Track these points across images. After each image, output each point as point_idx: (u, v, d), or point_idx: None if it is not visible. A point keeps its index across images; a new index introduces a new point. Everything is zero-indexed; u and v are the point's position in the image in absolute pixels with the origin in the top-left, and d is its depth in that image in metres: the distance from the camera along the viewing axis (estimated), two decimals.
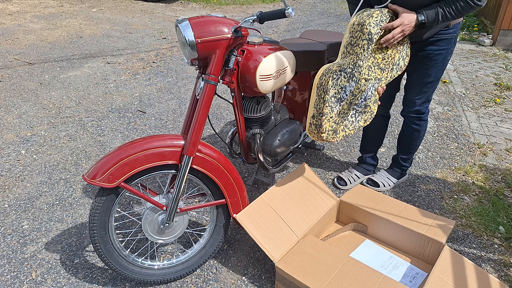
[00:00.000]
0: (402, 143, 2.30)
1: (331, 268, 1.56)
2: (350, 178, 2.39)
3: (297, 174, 1.96)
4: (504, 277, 1.81)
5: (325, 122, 1.58)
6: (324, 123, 1.58)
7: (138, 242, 1.95)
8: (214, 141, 2.90)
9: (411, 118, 2.16)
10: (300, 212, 1.81)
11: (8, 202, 2.21)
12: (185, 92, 3.72)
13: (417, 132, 2.19)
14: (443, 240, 1.69)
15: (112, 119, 3.16)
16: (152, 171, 1.54)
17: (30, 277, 1.75)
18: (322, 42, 2.27)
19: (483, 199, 2.34)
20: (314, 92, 1.61)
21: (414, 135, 2.21)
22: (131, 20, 6.16)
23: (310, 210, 1.85)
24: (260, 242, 1.63)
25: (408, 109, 2.13)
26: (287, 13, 1.40)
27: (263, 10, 7.10)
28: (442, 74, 1.99)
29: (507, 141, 3.00)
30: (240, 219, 1.67)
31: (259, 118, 1.93)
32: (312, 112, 1.62)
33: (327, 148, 2.84)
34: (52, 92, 3.60)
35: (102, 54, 4.62)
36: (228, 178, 1.65)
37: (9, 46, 4.74)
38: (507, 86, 3.98)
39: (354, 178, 2.41)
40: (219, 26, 1.49)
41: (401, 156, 2.34)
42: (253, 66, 1.69)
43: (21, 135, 2.89)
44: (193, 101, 1.67)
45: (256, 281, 1.75)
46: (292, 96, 2.24)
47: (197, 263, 1.75)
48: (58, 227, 2.04)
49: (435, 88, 2.03)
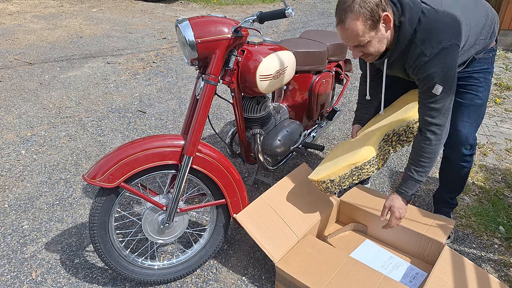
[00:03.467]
0: (450, 182, 1.95)
1: (331, 268, 1.56)
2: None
3: (297, 174, 1.96)
4: (504, 277, 1.81)
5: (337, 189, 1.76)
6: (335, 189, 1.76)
7: (138, 242, 1.95)
8: (214, 141, 2.90)
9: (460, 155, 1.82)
10: (300, 212, 1.81)
11: (8, 202, 2.21)
12: (185, 92, 3.72)
13: (467, 169, 1.86)
14: (443, 240, 1.69)
15: (112, 119, 3.16)
16: (152, 171, 1.54)
17: (30, 277, 1.75)
18: (322, 42, 2.27)
19: (483, 199, 2.34)
20: (348, 168, 1.67)
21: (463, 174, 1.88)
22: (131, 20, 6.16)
23: (310, 210, 1.85)
24: (260, 242, 1.63)
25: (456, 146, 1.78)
26: (287, 13, 1.40)
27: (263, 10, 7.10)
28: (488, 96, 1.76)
29: (507, 141, 3.00)
30: (240, 219, 1.67)
31: (259, 118, 1.93)
32: (334, 178, 1.70)
33: (327, 148, 2.84)
34: (52, 92, 3.59)
35: (102, 54, 4.62)
36: (228, 178, 1.65)
37: (9, 46, 4.74)
38: (507, 86, 3.98)
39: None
40: (219, 26, 1.49)
41: (450, 196, 2.01)
42: (253, 66, 1.69)
43: (21, 135, 2.89)
44: (193, 101, 1.67)
45: (256, 281, 1.75)
46: (292, 96, 2.24)
47: (197, 263, 1.75)
48: (58, 227, 2.04)
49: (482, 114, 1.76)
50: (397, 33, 1.47)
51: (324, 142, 2.92)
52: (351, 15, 1.36)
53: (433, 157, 1.54)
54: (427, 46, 1.42)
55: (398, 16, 1.44)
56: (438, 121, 1.49)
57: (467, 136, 1.74)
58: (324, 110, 2.46)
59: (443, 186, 1.99)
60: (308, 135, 2.38)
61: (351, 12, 1.36)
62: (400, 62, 1.57)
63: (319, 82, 2.23)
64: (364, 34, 1.39)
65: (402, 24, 1.44)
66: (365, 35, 1.40)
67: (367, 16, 1.36)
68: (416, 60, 1.46)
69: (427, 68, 1.43)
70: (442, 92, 1.44)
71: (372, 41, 1.43)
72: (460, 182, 1.92)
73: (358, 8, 1.35)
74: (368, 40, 1.41)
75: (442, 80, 1.43)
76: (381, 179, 2.49)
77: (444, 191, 2.00)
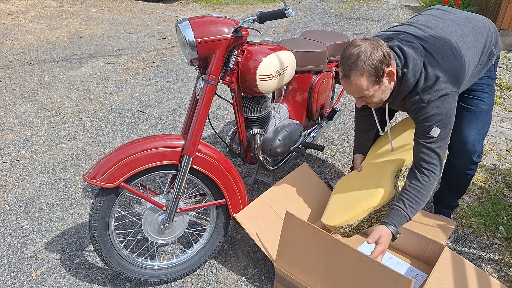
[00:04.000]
0: (452, 186, 1.93)
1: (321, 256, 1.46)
2: None
3: (297, 174, 1.96)
4: (504, 277, 1.81)
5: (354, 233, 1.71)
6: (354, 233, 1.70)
7: (138, 242, 1.95)
8: (214, 141, 2.90)
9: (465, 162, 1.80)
10: (299, 213, 1.81)
11: (8, 202, 2.21)
12: (185, 92, 3.72)
13: (471, 176, 1.85)
14: (444, 241, 1.69)
15: (112, 119, 3.16)
16: (152, 171, 1.54)
17: (30, 277, 1.75)
18: (322, 42, 2.27)
19: (483, 199, 2.34)
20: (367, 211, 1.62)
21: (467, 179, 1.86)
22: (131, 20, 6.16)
23: (310, 210, 1.85)
24: (260, 242, 1.63)
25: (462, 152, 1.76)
26: (287, 13, 1.40)
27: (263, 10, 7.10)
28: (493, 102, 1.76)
29: (507, 141, 3.00)
30: (240, 218, 1.66)
31: (259, 118, 1.93)
32: (352, 223, 1.63)
33: (327, 148, 2.84)
34: (52, 92, 3.59)
35: (102, 54, 4.62)
36: (228, 178, 1.65)
37: (9, 46, 4.74)
38: (507, 86, 3.98)
39: None
40: (219, 26, 1.49)
41: (451, 198, 2.00)
42: (253, 66, 1.69)
43: (21, 135, 2.89)
44: (193, 101, 1.67)
45: (256, 281, 1.75)
46: (292, 96, 2.24)
47: (197, 263, 1.75)
48: (58, 227, 2.04)
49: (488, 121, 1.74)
50: (400, 83, 1.48)
51: (324, 142, 2.92)
52: (355, 72, 1.37)
53: (426, 194, 1.53)
54: (426, 94, 1.44)
55: (401, 67, 1.45)
56: (434, 161, 1.51)
57: (474, 143, 1.71)
58: (324, 110, 2.46)
59: (445, 188, 1.97)
60: (308, 135, 2.37)
61: (356, 69, 1.37)
62: (400, 103, 1.60)
63: (319, 82, 2.23)
64: (368, 88, 1.40)
65: (405, 75, 1.45)
66: (369, 89, 1.41)
67: (371, 73, 1.37)
68: (414, 104, 1.48)
69: (425, 112, 1.46)
70: (440, 134, 1.47)
71: (376, 93, 1.44)
72: (463, 186, 1.91)
73: (363, 66, 1.36)
74: (372, 93, 1.43)
75: (439, 123, 1.45)
76: None
77: (446, 192, 1.99)
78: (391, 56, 1.42)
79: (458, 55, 1.49)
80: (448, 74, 1.44)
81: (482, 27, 1.64)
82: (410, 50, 1.45)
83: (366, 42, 1.38)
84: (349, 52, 1.39)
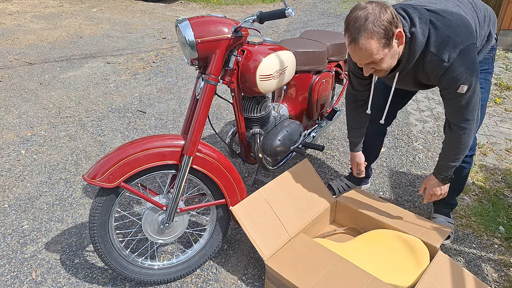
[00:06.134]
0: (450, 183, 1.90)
1: (320, 268, 1.56)
2: (340, 187, 2.33)
3: (298, 170, 1.94)
4: (504, 277, 1.81)
5: None
6: None
7: (138, 242, 1.95)
8: (214, 141, 2.90)
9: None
10: (295, 211, 1.81)
11: (8, 202, 2.21)
12: (185, 92, 3.72)
13: (467, 170, 1.90)
14: (438, 244, 1.69)
15: (112, 119, 3.16)
16: (152, 171, 1.54)
17: (30, 277, 1.75)
18: (322, 42, 2.27)
19: (483, 199, 2.34)
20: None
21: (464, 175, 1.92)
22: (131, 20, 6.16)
23: (305, 209, 1.85)
24: (252, 236, 1.63)
25: None
26: (287, 13, 1.40)
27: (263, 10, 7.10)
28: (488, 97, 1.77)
29: (507, 141, 3.00)
30: (235, 211, 1.66)
31: (259, 118, 1.93)
32: None
33: (327, 148, 2.84)
34: (52, 92, 3.59)
35: (102, 54, 4.62)
36: (228, 178, 1.65)
37: (9, 46, 4.74)
38: (507, 86, 3.98)
39: (344, 187, 2.32)
40: (219, 26, 1.49)
41: (450, 196, 1.98)
42: (253, 66, 1.69)
43: (21, 135, 2.89)
44: (193, 101, 1.67)
45: (256, 281, 1.75)
46: (292, 96, 2.24)
47: (197, 263, 1.75)
48: (58, 227, 2.04)
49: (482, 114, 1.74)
50: (409, 45, 1.43)
51: (324, 142, 2.92)
52: (364, 34, 1.30)
53: (465, 147, 1.59)
54: (444, 53, 1.39)
55: (408, 28, 1.41)
56: (467, 117, 1.51)
57: None
58: (324, 110, 2.46)
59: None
60: (308, 135, 2.37)
61: (365, 31, 1.30)
62: (410, 75, 1.55)
63: (319, 82, 2.23)
64: (378, 52, 1.34)
65: (414, 35, 1.41)
66: (379, 52, 1.35)
67: (382, 35, 1.31)
68: (435, 68, 1.44)
69: (450, 73, 1.42)
70: (468, 90, 1.44)
71: (385, 58, 1.39)
72: (460, 182, 1.93)
73: (372, 27, 1.29)
74: (381, 57, 1.37)
75: (466, 79, 1.42)
76: (381, 179, 2.49)
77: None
78: (398, 17, 1.37)
79: (463, 15, 1.46)
80: (459, 26, 1.39)
81: (480, 6, 1.64)
82: (413, 10, 1.42)
83: (372, 4, 1.33)
84: (355, 15, 1.32)
